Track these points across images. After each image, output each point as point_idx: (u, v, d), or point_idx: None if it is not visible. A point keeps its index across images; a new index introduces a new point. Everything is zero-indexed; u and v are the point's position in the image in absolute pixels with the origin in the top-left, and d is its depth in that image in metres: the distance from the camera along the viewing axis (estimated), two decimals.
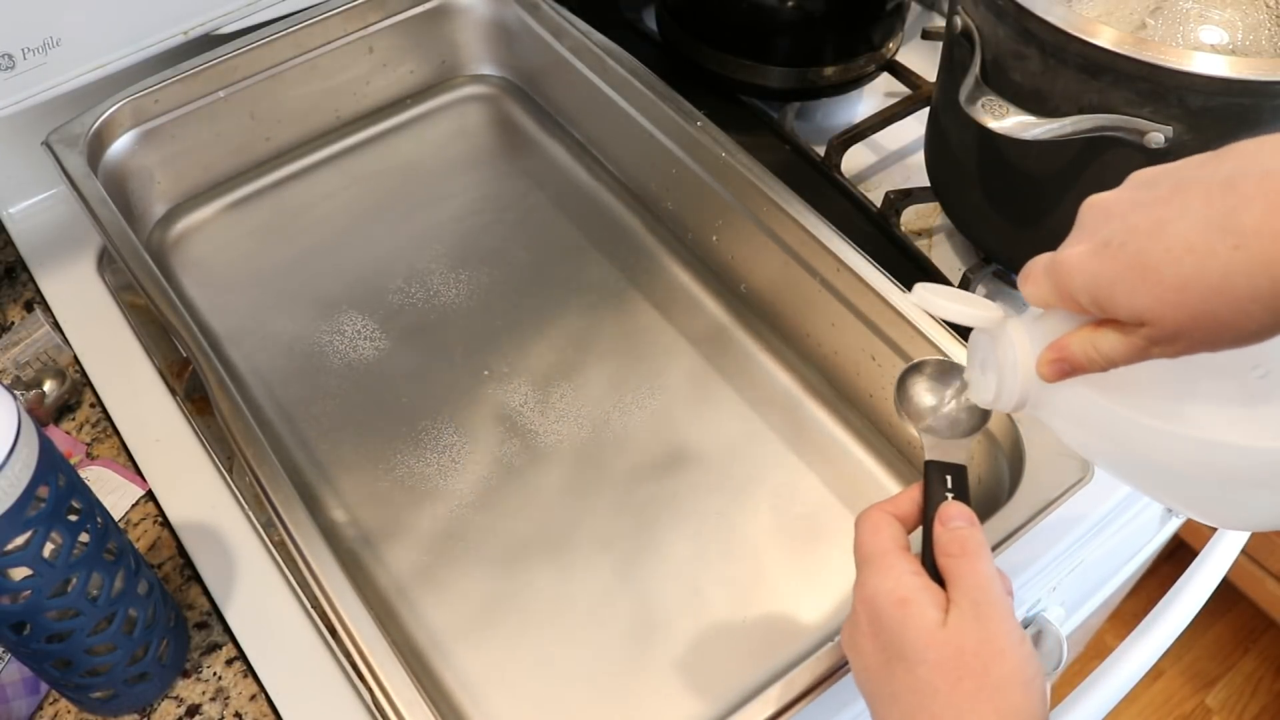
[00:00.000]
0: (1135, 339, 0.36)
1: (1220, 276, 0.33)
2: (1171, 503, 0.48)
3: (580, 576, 0.61)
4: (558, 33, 0.79)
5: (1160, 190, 0.35)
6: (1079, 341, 0.38)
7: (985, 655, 0.39)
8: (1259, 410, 0.39)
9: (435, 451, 0.66)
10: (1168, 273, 0.34)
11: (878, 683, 0.42)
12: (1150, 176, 0.37)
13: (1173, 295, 0.34)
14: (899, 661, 0.40)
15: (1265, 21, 0.57)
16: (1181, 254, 0.33)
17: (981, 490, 0.61)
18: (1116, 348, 0.37)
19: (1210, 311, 0.33)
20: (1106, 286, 0.36)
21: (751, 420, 0.68)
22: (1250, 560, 1.35)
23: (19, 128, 0.71)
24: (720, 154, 0.70)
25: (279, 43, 0.77)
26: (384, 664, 0.49)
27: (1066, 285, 0.37)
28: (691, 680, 0.58)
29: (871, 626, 0.42)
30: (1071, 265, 0.37)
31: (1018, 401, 0.42)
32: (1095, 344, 0.38)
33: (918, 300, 0.43)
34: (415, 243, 0.77)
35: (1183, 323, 0.34)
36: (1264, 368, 0.38)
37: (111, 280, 0.72)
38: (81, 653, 0.49)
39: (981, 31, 0.61)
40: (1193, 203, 0.34)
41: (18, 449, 0.42)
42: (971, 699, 0.39)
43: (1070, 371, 0.39)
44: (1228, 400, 0.39)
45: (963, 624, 0.40)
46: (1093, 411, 0.41)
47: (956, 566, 0.42)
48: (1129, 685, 0.69)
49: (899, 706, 0.40)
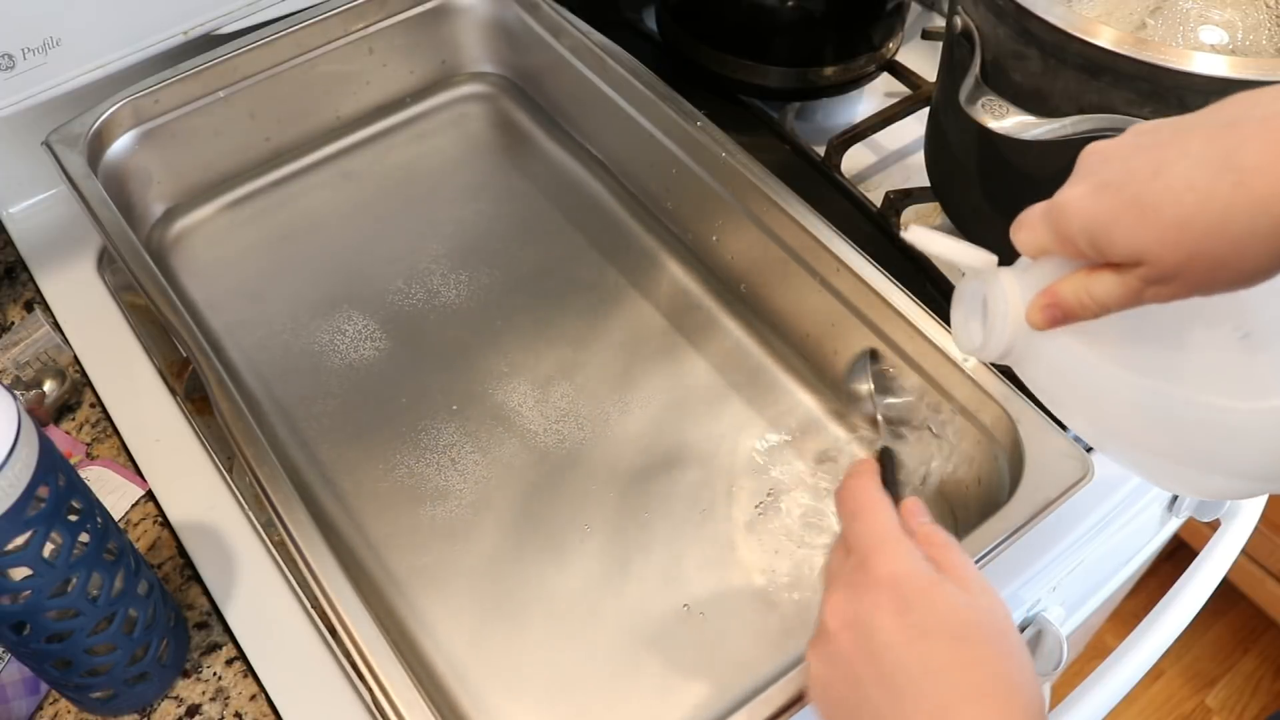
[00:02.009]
0: (1131, 280, 0.36)
1: (1220, 214, 0.33)
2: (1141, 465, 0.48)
3: (581, 576, 0.61)
4: (557, 32, 0.79)
5: (1162, 134, 0.36)
6: (1072, 286, 0.38)
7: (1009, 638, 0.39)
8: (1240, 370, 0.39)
9: (435, 451, 0.66)
10: (1168, 211, 0.34)
11: (904, 659, 0.39)
12: (1151, 125, 0.37)
13: (1172, 233, 0.34)
14: (937, 636, 0.39)
15: (1265, 21, 0.57)
16: (1182, 191, 0.34)
17: (981, 490, 0.61)
18: (1111, 290, 0.37)
19: (1209, 250, 0.34)
20: (1106, 225, 0.36)
21: (751, 420, 0.68)
22: (1250, 560, 1.35)
23: (19, 128, 0.71)
24: (720, 154, 0.70)
25: (279, 43, 0.77)
26: (384, 664, 0.49)
27: (1065, 226, 0.37)
28: (692, 680, 0.58)
29: (899, 604, 0.40)
30: (1070, 205, 0.37)
31: (1004, 350, 0.42)
32: (1089, 288, 0.38)
33: (913, 238, 0.43)
34: (415, 243, 0.77)
35: (1181, 261, 0.34)
36: (1245, 328, 0.39)
37: (111, 280, 0.72)
38: (81, 653, 0.49)
39: (981, 31, 0.61)
40: (1193, 144, 0.34)
41: (18, 449, 0.42)
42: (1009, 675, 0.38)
43: (1061, 318, 0.39)
44: (1209, 359, 0.39)
45: (985, 608, 0.40)
46: (1076, 365, 0.41)
47: (945, 556, 0.42)
48: (1129, 685, 0.69)
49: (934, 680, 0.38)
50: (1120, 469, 0.64)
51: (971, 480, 0.61)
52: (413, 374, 0.70)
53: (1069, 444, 0.57)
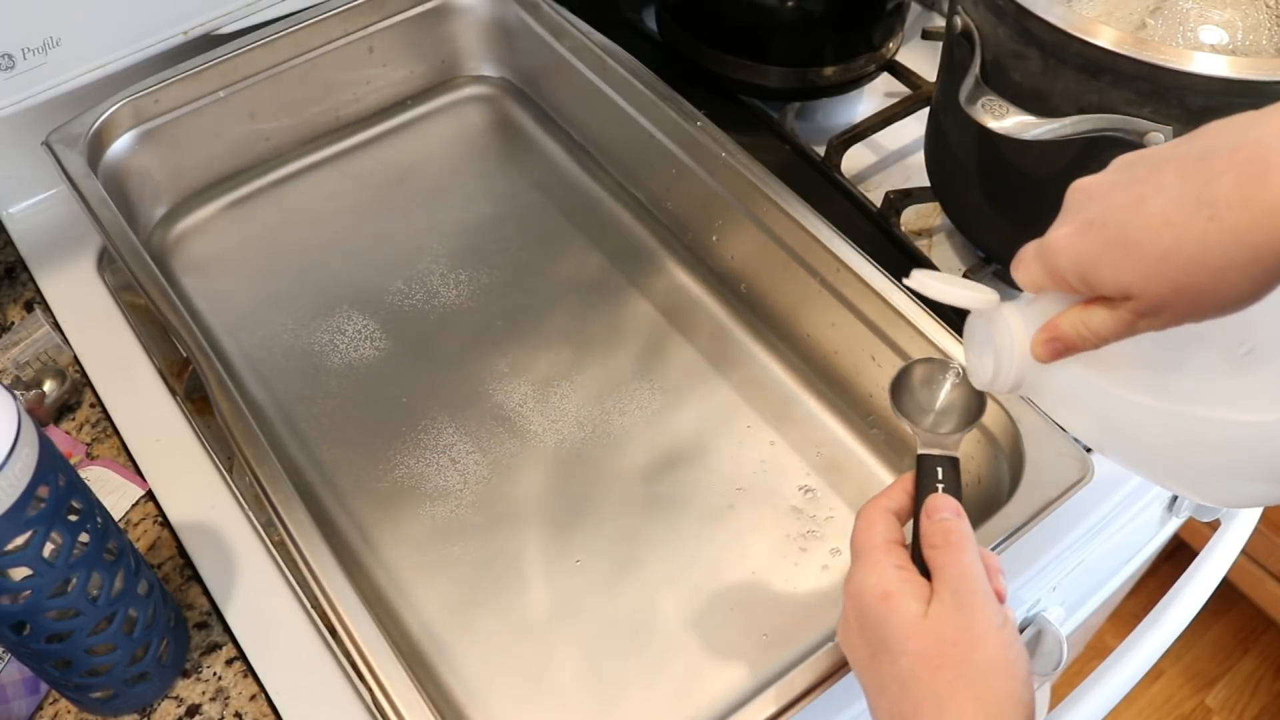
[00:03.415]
0: (1122, 313, 0.37)
1: (1197, 247, 0.34)
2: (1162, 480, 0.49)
3: (581, 576, 0.61)
4: (558, 33, 0.79)
5: (1139, 170, 0.37)
6: (1069, 320, 0.40)
7: (964, 643, 0.41)
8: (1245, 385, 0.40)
9: (435, 451, 0.66)
10: (1148, 246, 0.35)
11: (867, 675, 0.43)
12: (1130, 159, 0.38)
13: (1154, 267, 0.35)
14: (884, 653, 0.42)
15: (1265, 21, 0.57)
16: (1160, 228, 0.35)
17: (981, 490, 0.61)
18: (1105, 323, 0.38)
19: (1191, 281, 0.35)
20: (1092, 263, 0.37)
21: (751, 420, 0.68)
22: (1250, 560, 1.35)
23: (19, 128, 0.71)
24: (720, 154, 0.70)
25: (279, 43, 0.77)
26: (384, 664, 0.49)
27: (1055, 265, 0.39)
28: (691, 680, 0.58)
29: (858, 621, 0.43)
30: (1058, 245, 0.39)
31: (1014, 382, 0.43)
32: (1085, 321, 0.39)
33: (915, 284, 0.44)
34: (415, 243, 0.77)
35: (1165, 294, 0.35)
36: (1248, 344, 0.39)
37: (111, 280, 0.72)
38: (81, 653, 0.49)
39: (981, 31, 0.61)
40: (1168, 179, 0.35)
41: (18, 449, 0.42)
42: (950, 685, 0.40)
43: (1063, 350, 0.40)
44: (1215, 376, 0.40)
45: (943, 614, 0.41)
46: (1085, 391, 0.42)
47: (939, 557, 0.43)
48: (1129, 685, 0.69)
49: (886, 697, 0.42)
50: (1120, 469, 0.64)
51: (971, 480, 0.61)
52: (412, 374, 0.70)
53: (1069, 444, 0.57)
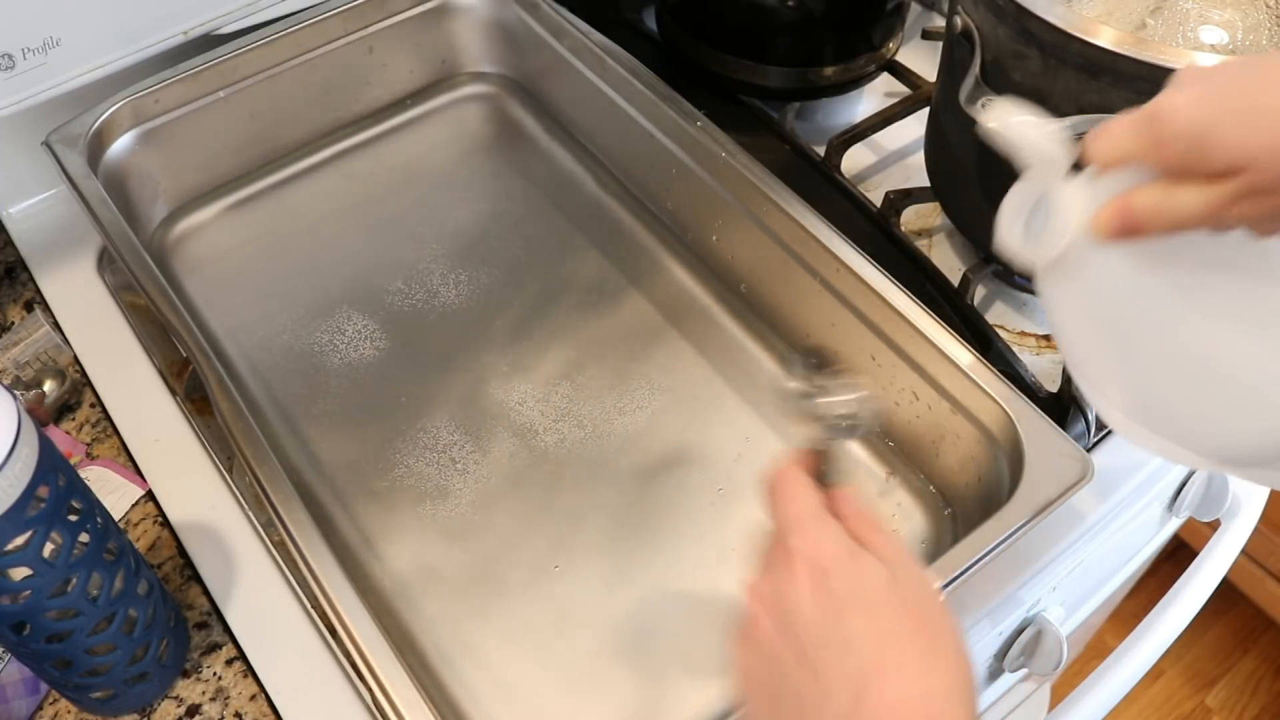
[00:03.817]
0: (1221, 191, 0.35)
1: None
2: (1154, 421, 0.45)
3: (581, 576, 0.61)
4: (558, 32, 0.79)
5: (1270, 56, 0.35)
6: (1149, 194, 0.36)
7: (935, 609, 0.39)
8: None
9: (435, 451, 0.66)
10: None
11: (822, 636, 0.38)
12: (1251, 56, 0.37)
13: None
14: (855, 608, 0.38)
15: (1265, 21, 0.57)
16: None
17: (981, 490, 0.61)
18: (1195, 201, 0.35)
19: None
20: (1214, 126, 0.34)
21: (751, 420, 0.68)
22: (1250, 560, 1.35)
23: (19, 128, 0.71)
24: (720, 154, 0.70)
25: (279, 43, 0.77)
26: (384, 664, 0.49)
27: (1165, 129, 0.35)
28: (691, 680, 0.58)
29: (817, 579, 0.39)
30: (1175, 108, 0.35)
31: (1054, 256, 0.40)
32: (1168, 197, 0.36)
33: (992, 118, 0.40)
34: (415, 243, 0.77)
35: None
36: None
37: (111, 280, 0.72)
38: (81, 653, 0.49)
39: (981, 31, 0.61)
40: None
41: (18, 449, 0.42)
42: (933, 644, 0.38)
43: (1128, 230, 0.37)
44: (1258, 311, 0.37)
45: (910, 580, 0.39)
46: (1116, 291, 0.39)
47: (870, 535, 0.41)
48: (1129, 685, 0.69)
49: (854, 654, 0.37)
50: (1119, 470, 0.64)
51: (972, 480, 0.61)
52: (412, 374, 0.70)
53: (1069, 444, 0.57)
